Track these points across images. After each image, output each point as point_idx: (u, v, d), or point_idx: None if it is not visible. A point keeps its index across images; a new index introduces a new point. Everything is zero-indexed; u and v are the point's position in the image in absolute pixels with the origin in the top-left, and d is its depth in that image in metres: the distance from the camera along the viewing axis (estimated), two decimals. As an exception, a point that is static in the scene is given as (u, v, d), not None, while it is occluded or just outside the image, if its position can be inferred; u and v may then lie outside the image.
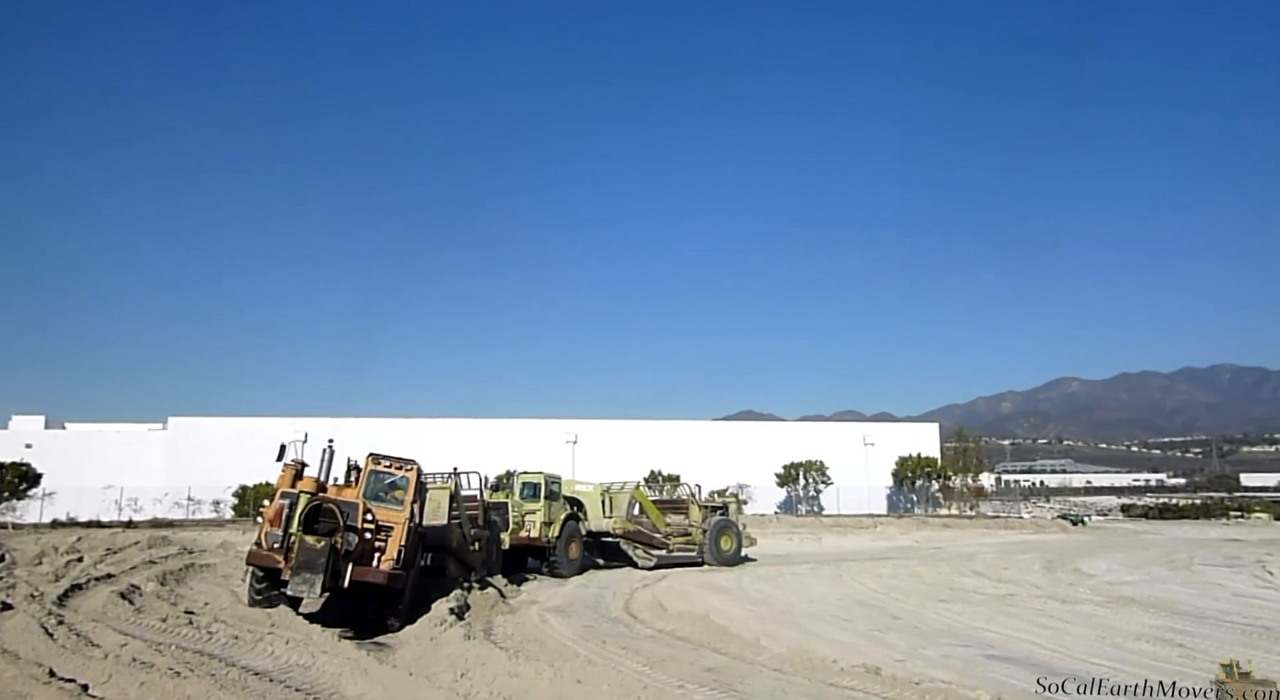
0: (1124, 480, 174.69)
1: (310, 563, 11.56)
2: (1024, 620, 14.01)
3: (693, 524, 26.02)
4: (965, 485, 63.68)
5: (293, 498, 12.50)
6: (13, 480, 45.90)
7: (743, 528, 26.94)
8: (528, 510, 22.42)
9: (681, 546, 25.21)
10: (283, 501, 12.58)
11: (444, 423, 60.75)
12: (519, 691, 8.13)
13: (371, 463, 13.66)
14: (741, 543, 26.39)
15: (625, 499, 25.17)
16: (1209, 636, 12.34)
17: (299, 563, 11.62)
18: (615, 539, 24.43)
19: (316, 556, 11.58)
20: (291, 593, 11.87)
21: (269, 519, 12.64)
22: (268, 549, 12.49)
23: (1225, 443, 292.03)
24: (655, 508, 25.58)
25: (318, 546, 11.62)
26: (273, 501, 12.88)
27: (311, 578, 11.50)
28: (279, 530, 12.31)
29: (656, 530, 24.91)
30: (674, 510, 26.61)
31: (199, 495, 52.00)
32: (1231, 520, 64.26)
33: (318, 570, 11.52)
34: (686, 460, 59.61)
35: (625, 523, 24.27)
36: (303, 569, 11.56)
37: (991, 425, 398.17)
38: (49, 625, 10.42)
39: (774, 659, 10.17)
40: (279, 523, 12.36)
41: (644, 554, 24.43)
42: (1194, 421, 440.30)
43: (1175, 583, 20.52)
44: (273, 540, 12.41)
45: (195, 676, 7.99)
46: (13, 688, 7.58)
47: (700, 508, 26.71)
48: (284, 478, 13.21)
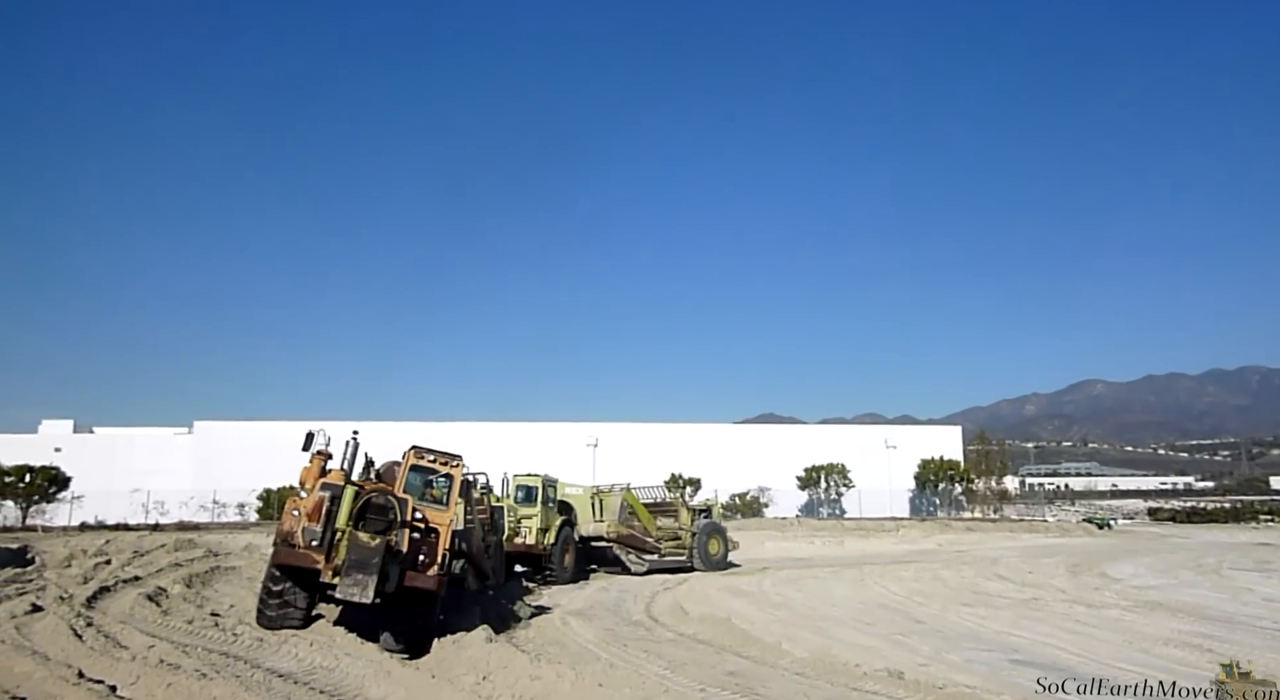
0: (1150, 483, 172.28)
1: (363, 562, 10.32)
2: (1049, 625, 13.86)
3: (682, 527, 25.41)
4: (989, 488, 63.18)
5: (335, 490, 11.05)
6: (42, 484, 46.61)
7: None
8: (523, 515, 21.20)
9: (672, 550, 24.59)
10: (324, 494, 11.02)
11: (465, 426, 61.01)
12: (540, 694, 8.15)
13: (414, 456, 12.25)
14: (728, 546, 25.97)
15: (616, 502, 24.22)
16: (1238, 641, 12.16)
17: (351, 562, 10.35)
18: (608, 543, 23.44)
19: (371, 555, 10.35)
20: (341, 596, 10.42)
21: (307, 513, 11.04)
22: (304, 546, 10.85)
23: (1254, 445, 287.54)
24: (646, 511, 24.85)
25: (372, 544, 10.40)
26: (310, 492, 11.23)
27: (364, 579, 10.23)
28: (318, 526, 10.82)
29: (648, 534, 24.20)
30: (663, 513, 25.87)
31: (224, 498, 52.60)
32: (1261, 524, 63.24)
33: (371, 571, 10.28)
34: (707, 463, 59.54)
35: (619, 526, 23.43)
36: (354, 569, 10.30)
37: (1015, 428, 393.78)
38: (78, 627, 10.57)
39: (796, 663, 10.13)
40: (318, 517, 10.87)
41: (636, 559, 23.63)
42: (1222, 424, 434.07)
43: (1204, 587, 20.23)
44: (311, 537, 10.81)
45: (221, 678, 8.08)
46: (43, 688, 7.69)
47: (689, 510, 26.19)
48: (312, 469, 11.63)
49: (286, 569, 11.14)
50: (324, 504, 10.92)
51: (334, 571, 10.56)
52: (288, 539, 11.04)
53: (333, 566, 10.61)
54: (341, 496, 10.95)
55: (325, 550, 10.74)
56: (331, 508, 10.88)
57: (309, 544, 10.82)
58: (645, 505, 25.13)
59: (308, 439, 11.95)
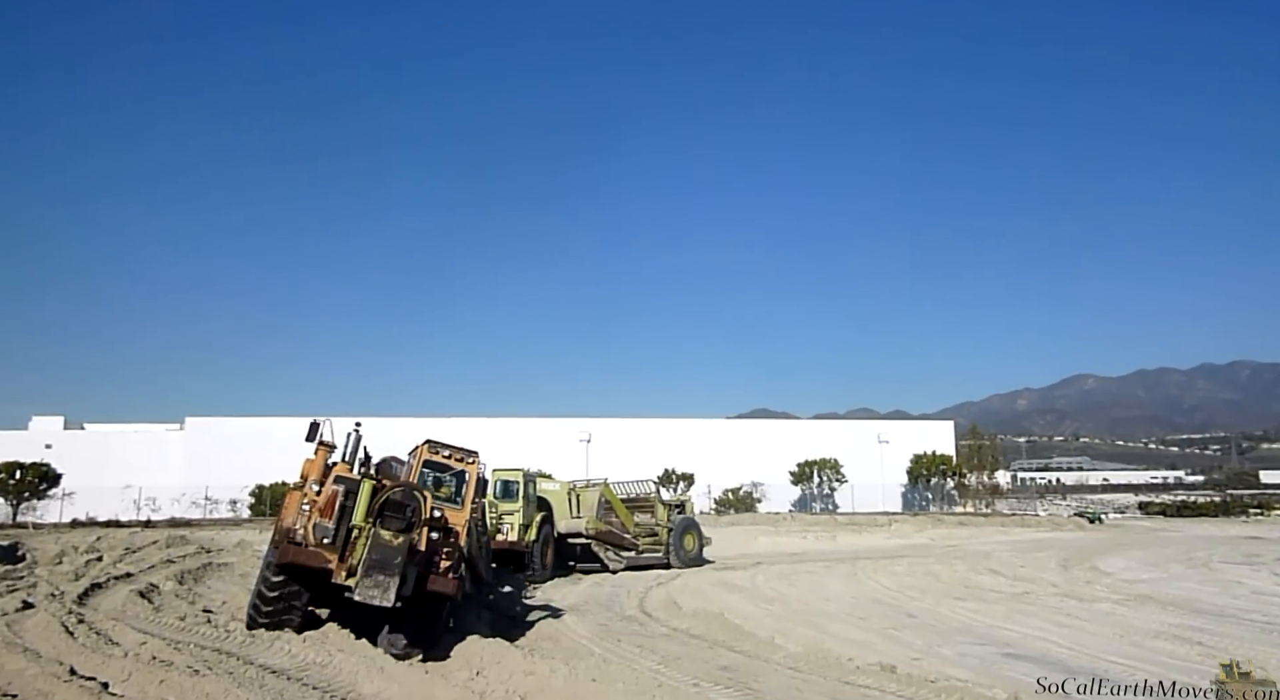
0: (1141, 478, 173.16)
1: (385, 562, 9.47)
2: (1041, 618, 13.92)
3: (659, 523, 24.80)
4: (981, 483, 63.40)
5: (350, 484, 10.16)
6: (33, 480, 46.48)
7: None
8: (505, 511, 20.60)
9: (649, 547, 23.98)
10: (337, 487, 10.14)
11: (459, 422, 60.91)
12: (534, 689, 8.15)
13: (427, 451, 11.43)
14: (703, 542, 25.55)
15: (593, 497, 23.29)
16: (1228, 635, 12.23)
17: (371, 561, 9.45)
18: (586, 540, 22.60)
19: (393, 555, 9.50)
20: (360, 598, 9.44)
21: (319, 508, 10.12)
22: (314, 544, 9.87)
23: (1244, 440, 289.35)
24: (624, 506, 24.15)
25: (395, 543, 9.55)
26: (324, 486, 10.28)
27: (386, 580, 9.41)
28: (330, 522, 9.90)
29: (626, 530, 23.54)
30: (639, 509, 25.13)
31: (216, 495, 52.47)
32: (1251, 518, 63.60)
33: (393, 572, 9.44)
34: (701, 459, 59.59)
35: (597, 523, 22.56)
36: (375, 569, 9.43)
37: (1007, 423, 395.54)
38: (69, 624, 10.53)
39: (789, 657, 10.16)
40: (331, 513, 9.95)
41: (614, 556, 22.91)
42: (1212, 418, 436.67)
43: (1194, 580, 20.35)
44: (323, 534, 9.87)
45: (213, 674, 8.06)
46: (34, 685, 7.66)
47: (665, 506, 25.54)
48: (316, 461, 10.75)
49: (291, 568, 9.98)
50: (337, 499, 10.03)
51: (348, 571, 9.66)
52: (290, 535, 10.08)
53: (347, 566, 9.69)
54: (357, 491, 10.05)
55: (339, 549, 9.84)
56: (346, 503, 9.99)
57: (320, 541, 9.87)
58: (622, 501, 24.54)
59: (312, 429, 11.08)
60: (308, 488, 10.35)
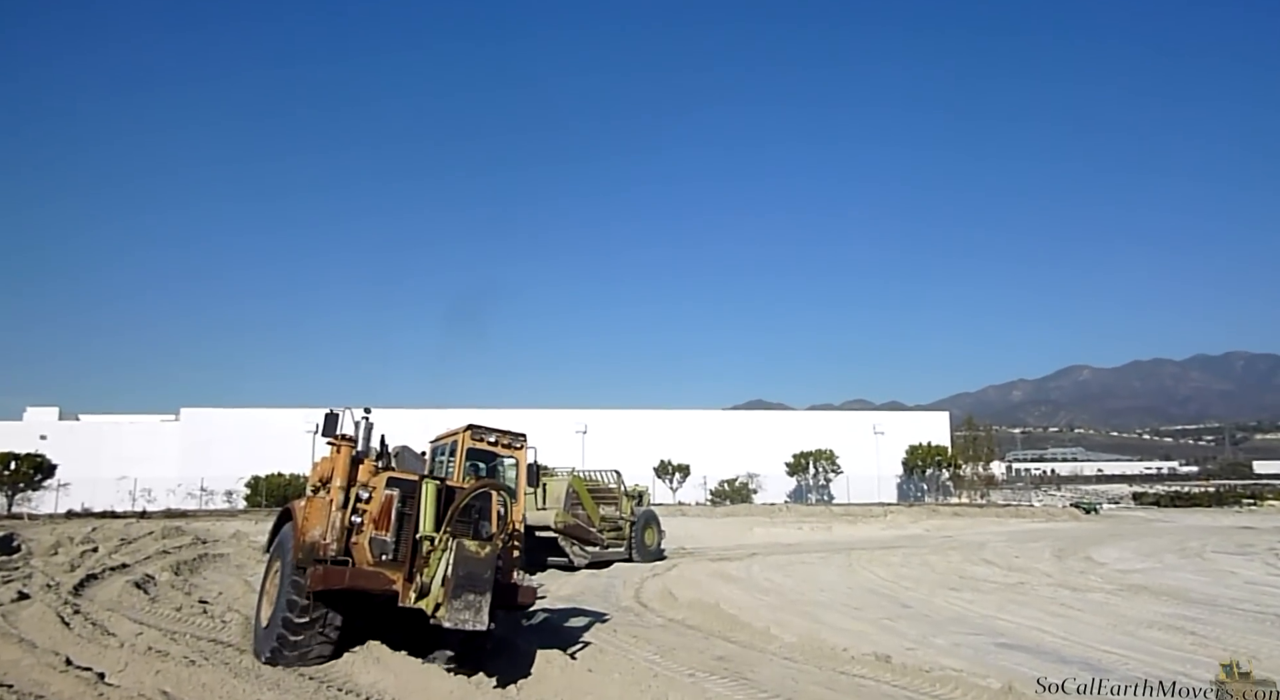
0: (1136, 468, 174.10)
1: (475, 577, 7.55)
2: (1035, 608, 13.98)
3: (623, 516, 23.87)
4: (976, 474, 63.70)
5: (407, 486, 8.55)
6: (28, 471, 46.48)
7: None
8: None
9: (613, 541, 23.10)
10: (392, 492, 8.46)
11: (454, 413, 60.90)
12: (530, 680, 8.17)
13: (469, 438, 9.65)
14: (661, 535, 24.98)
15: (561, 488, 22.30)
16: (1221, 624, 12.29)
17: (460, 580, 7.50)
18: (554, 534, 21.20)
19: (483, 568, 7.61)
20: (450, 624, 7.44)
21: (372, 519, 8.37)
22: (372, 562, 8.25)
23: (1238, 430, 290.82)
24: (591, 499, 23.15)
25: (483, 554, 7.65)
26: (376, 493, 8.45)
27: (478, 600, 7.51)
28: (388, 535, 8.30)
29: (593, 524, 22.53)
30: (603, 501, 24.01)
31: (211, 485, 52.50)
32: (1244, 508, 63.99)
33: (484, 588, 7.57)
34: (696, 449, 59.74)
35: (565, 515, 21.45)
36: (465, 588, 7.50)
37: (1002, 414, 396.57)
38: (65, 615, 10.51)
39: (784, 647, 10.19)
40: (388, 523, 8.33)
41: (580, 551, 21.73)
42: (1206, 409, 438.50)
43: (1187, 570, 20.44)
44: (381, 549, 8.26)
45: (210, 665, 8.05)
46: (30, 676, 7.65)
47: (628, 498, 24.59)
48: (338, 459, 8.59)
49: (339, 595, 8.13)
50: (393, 505, 8.40)
51: (418, 592, 7.97)
52: (318, 552, 8.17)
53: (416, 586, 8.03)
54: (421, 495, 8.48)
55: (406, 565, 8.28)
56: (404, 510, 8.43)
57: (379, 559, 8.25)
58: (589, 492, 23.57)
59: (329, 421, 8.82)
60: (335, 492, 8.43)
